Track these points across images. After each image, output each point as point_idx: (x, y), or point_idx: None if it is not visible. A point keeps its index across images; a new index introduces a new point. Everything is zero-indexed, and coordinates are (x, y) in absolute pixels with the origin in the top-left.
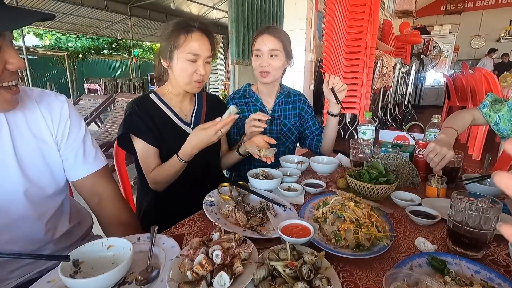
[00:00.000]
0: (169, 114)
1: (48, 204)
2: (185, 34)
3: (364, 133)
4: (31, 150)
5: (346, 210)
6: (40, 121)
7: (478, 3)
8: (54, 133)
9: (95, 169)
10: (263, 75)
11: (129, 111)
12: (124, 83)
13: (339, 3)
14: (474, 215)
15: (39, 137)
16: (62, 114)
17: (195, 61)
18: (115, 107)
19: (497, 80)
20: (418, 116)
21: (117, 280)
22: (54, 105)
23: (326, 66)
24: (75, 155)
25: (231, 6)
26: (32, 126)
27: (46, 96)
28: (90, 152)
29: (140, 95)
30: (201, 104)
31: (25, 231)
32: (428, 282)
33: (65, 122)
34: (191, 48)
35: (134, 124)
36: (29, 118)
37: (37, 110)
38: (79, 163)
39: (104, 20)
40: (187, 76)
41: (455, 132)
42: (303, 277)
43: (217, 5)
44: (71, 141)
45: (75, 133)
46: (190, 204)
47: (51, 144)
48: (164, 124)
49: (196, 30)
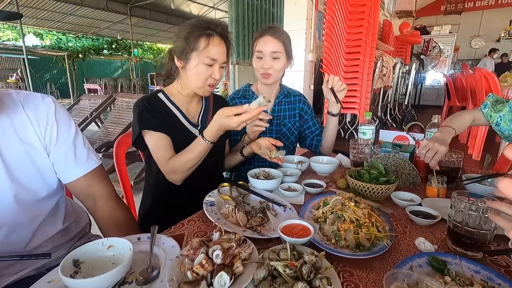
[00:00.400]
0: (177, 114)
1: (41, 207)
2: (206, 38)
3: (364, 133)
4: (19, 155)
5: (346, 210)
6: (27, 124)
7: (478, 3)
8: (42, 136)
9: (88, 170)
10: (265, 76)
11: (139, 109)
12: (124, 83)
13: (339, 3)
14: (474, 215)
15: (26, 141)
16: (49, 117)
17: (211, 65)
18: (115, 107)
19: (497, 80)
20: (418, 116)
21: (117, 280)
22: (41, 108)
23: (326, 66)
24: (65, 157)
25: (231, 6)
26: (19, 130)
27: (32, 99)
28: (81, 153)
29: (148, 94)
30: (208, 105)
31: (18, 234)
32: (428, 282)
33: (52, 124)
34: (210, 53)
35: (147, 120)
36: (15, 122)
37: (23, 113)
38: (70, 165)
39: (104, 20)
40: (202, 79)
41: (453, 131)
42: (303, 277)
43: (217, 5)
44: (60, 144)
45: (64, 135)
46: (191, 204)
47: (40, 148)
48: (172, 124)
49: (217, 35)
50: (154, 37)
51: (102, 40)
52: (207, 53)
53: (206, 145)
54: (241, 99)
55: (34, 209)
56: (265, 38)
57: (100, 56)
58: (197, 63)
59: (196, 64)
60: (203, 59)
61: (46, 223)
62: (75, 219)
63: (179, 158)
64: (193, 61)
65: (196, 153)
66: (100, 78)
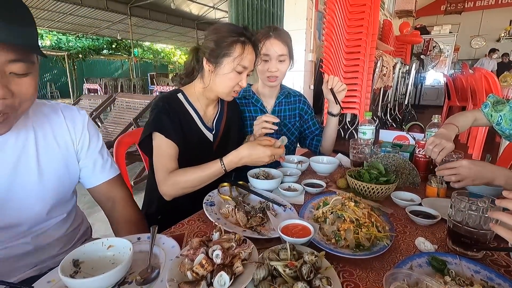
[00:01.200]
0: (194, 117)
1: (62, 209)
2: (241, 45)
3: (364, 133)
4: (55, 159)
5: (346, 210)
6: (65, 131)
7: (478, 3)
8: (76, 142)
9: (112, 176)
10: (271, 80)
11: (157, 109)
12: (124, 83)
13: (339, 3)
14: (474, 215)
15: (63, 146)
16: (84, 126)
17: (241, 73)
18: (115, 107)
19: (497, 80)
20: (418, 116)
21: (117, 280)
22: (77, 118)
23: (326, 66)
24: (94, 163)
25: (231, 6)
26: (58, 136)
27: (70, 110)
28: (106, 161)
29: (167, 93)
30: (223, 109)
31: (31, 236)
32: (428, 282)
33: (86, 134)
34: (244, 61)
35: (163, 123)
36: (55, 128)
37: (64, 122)
38: (97, 171)
39: (104, 20)
40: (230, 86)
41: (456, 128)
42: (303, 277)
43: (217, 5)
44: (91, 151)
45: (94, 144)
46: (191, 204)
47: (72, 153)
48: (189, 127)
49: (251, 44)
50: (154, 37)
51: (102, 40)
52: (241, 61)
53: (220, 169)
54: (241, 100)
55: (56, 210)
56: (271, 41)
57: (100, 56)
58: (230, 69)
59: (229, 70)
60: (236, 67)
61: (59, 225)
62: (80, 223)
63: (186, 172)
64: (225, 66)
65: (206, 173)
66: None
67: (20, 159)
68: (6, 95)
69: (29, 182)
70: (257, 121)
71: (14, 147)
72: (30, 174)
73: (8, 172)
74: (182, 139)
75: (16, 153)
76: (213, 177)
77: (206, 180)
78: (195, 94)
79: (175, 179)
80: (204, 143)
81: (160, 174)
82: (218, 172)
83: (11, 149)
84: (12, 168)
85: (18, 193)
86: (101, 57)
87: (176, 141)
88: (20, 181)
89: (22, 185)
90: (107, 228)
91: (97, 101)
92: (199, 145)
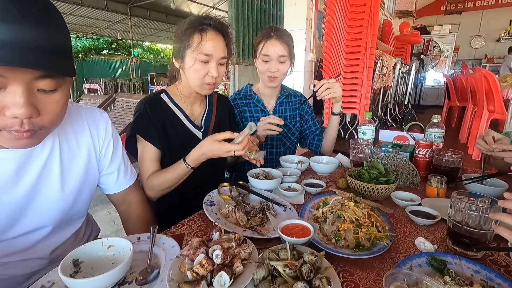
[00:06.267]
0: (180, 116)
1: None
2: (199, 33)
3: (364, 133)
4: (77, 167)
5: (346, 210)
6: (87, 136)
7: (478, 3)
8: (99, 149)
9: (133, 182)
10: (271, 80)
11: (140, 112)
12: (124, 83)
13: (339, 3)
14: (474, 215)
15: (84, 152)
16: (107, 132)
17: (207, 62)
18: (115, 107)
19: (497, 80)
20: (418, 116)
21: (117, 280)
22: (100, 123)
23: (326, 66)
24: (118, 171)
25: (231, 6)
26: (80, 139)
27: (92, 112)
28: (127, 167)
29: (151, 94)
30: (211, 106)
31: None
32: (428, 282)
33: (110, 141)
34: (204, 48)
35: (143, 125)
36: (77, 131)
37: (86, 126)
38: (121, 177)
39: (104, 20)
40: (199, 78)
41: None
42: (303, 277)
43: (217, 5)
44: (115, 159)
45: (118, 151)
46: (191, 204)
47: (93, 160)
48: (174, 128)
49: (211, 29)
50: (154, 37)
51: (102, 40)
52: (201, 49)
53: (186, 169)
54: (242, 100)
55: (75, 213)
56: (272, 42)
57: (100, 56)
58: (192, 61)
59: (192, 62)
60: (197, 56)
61: (73, 230)
62: (91, 229)
63: (157, 176)
64: (188, 59)
65: (174, 174)
66: (100, 78)
67: (45, 167)
68: (32, 114)
69: (51, 190)
70: (262, 122)
71: (40, 156)
72: (52, 183)
73: (33, 181)
74: (166, 140)
75: (42, 161)
76: (183, 176)
77: (176, 180)
78: (178, 93)
79: (151, 184)
80: (193, 141)
81: (142, 179)
82: (185, 171)
83: (37, 157)
84: (37, 176)
85: (40, 201)
86: (101, 57)
87: (157, 143)
88: (42, 189)
89: (44, 193)
90: (107, 228)
91: (97, 101)
92: (188, 143)
